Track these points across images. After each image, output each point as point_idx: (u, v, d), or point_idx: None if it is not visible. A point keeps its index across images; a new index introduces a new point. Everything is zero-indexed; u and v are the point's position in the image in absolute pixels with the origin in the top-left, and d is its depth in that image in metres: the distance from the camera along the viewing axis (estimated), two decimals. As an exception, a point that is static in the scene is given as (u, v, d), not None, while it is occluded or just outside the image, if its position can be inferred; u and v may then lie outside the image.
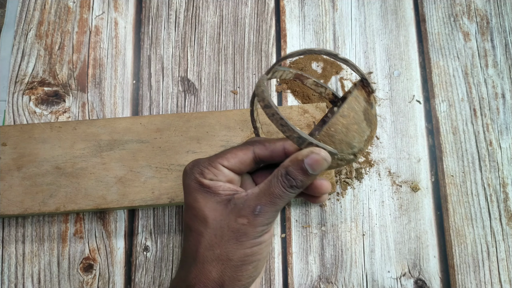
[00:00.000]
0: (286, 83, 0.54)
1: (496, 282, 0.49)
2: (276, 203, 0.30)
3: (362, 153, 0.33)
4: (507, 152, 0.53)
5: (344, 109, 0.31)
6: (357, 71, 0.33)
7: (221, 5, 0.57)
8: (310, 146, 0.30)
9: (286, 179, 0.30)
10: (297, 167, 0.30)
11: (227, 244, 0.30)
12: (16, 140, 0.48)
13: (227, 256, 0.30)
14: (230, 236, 0.30)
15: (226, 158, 0.32)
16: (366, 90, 0.33)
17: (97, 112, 0.53)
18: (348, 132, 0.31)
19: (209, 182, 0.31)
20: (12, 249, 0.49)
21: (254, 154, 0.32)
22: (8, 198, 0.46)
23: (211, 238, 0.31)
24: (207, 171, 0.32)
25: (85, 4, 0.56)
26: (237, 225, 0.30)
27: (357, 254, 0.49)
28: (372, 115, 0.33)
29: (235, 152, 0.32)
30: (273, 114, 0.31)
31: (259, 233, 0.30)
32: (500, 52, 0.56)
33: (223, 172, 0.32)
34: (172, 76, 0.55)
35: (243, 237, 0.30)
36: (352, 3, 0.58)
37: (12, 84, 0.53)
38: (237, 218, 0.30)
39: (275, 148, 0.32)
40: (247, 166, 0.32)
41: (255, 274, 0.31)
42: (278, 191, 0.30)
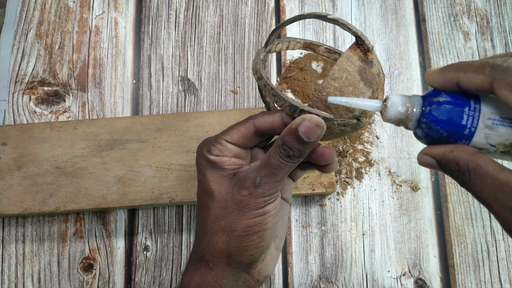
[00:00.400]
0: (286, 82, 0.54)
1: (496, 281, 0.49)
2: (275, 173, 0.31)
3: (366, 116, 0.31)
4: (507, 152, 0.53)
5: (334, 71, 0.30)
6: (349, 29, 0.31)
7: (221, 5, 0.57)
8: (303, 114, 0.30)
9: (283, 149, 0.30)
10: (292, 136, 0.30)
11: (231, 215, 0.31)
12: (16, 139, 0.48)
13: (231, 227, 0.31)
14: (234, 208, 0.31)
15: (229, 134, 0.33)
16: (361, 49, 0.31)
17: (97, 111, 0.53)
18: (342, 95, 0.30)
19: (215, 158, 0.32)
20: (12, 249, 0.49)
21: (255, 127, 0.32)
22: (8, 198, 0.46)
23: (217, 211, 0.32)
24: (213, 147, 0.33)
25: (85, 3, 0.56)
26: (239, 197, 0.31)
27: (357, 253, 0.49)
28: (371, 74, 0.31)
29: (237, 127, 0.33)
30: (264, 85, 0.32)
31: (261, 204, 0.31)
32: (500, 52, 0.56)
33: (228, 148, 0.33)
34: (172, 75, 0.55)
35: (245, 208, 0.31)
36: (352, 3, 0.58)
37: (12, 83, 0.53)
38: (240, 190, 0.31)
39: (274, 119, 0.32)
40: (250, 140, 0.33)
41: (262, 245, 0.32)
42: (276, 162, 0.30)
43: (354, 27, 0.31)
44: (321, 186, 0.48)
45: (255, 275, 0.33)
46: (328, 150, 0.32)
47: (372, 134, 0.53)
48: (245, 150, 0.34)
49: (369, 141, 0.53)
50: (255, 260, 0.32)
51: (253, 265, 0.33)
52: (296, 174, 0.36)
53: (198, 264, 0.33)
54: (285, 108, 0.31)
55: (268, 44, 0.36)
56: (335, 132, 0.32)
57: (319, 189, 0.48)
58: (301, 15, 0.32)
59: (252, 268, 0.33)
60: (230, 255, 0.32)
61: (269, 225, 0.32)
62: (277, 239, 0.35)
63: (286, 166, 0.31)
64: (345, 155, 0.52)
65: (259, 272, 0.33)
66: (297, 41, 0.38)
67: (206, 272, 0.32)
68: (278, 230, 0.35)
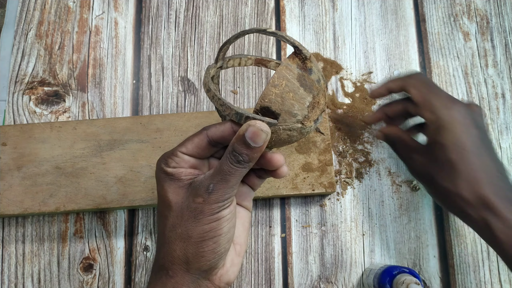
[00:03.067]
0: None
1: (496, 282, 0.49)
2: (227, 179, 0.32)
3: (310, 120, 0.33)
4: (507, 152, 0.53)
5: (274, 78, 0.32)
6: (287, 40, 0.33)
7: (221, 5, 0.57)
8: (248, 120, 0.31)
9: (233, 155, 0.31)
10: (241, 143, 0.31)
11: (187, 223, 0.32)
12: (16, 140, 0.48)
13: (187, 234, 0.32)
14: (189, 216, 0.32)
15: (185, 146, 0.34)
16: (299, 57, 0.33)
17: (97, 112, 0.53)
18: (283, 100, 0.32)
19: (171, 169, 0.33)
20: (12, 249, 0.49)
21: (208, 137, 0.34)
22: (8, 198, 0.46)
23: (174, 220, 0.33)
24: (170, 160, 0.34)
25: (85, 4, 0.56)
26: (194, 205, 0.32)
27: (357, 254, 0.49)
28: (311, 80, 0.33)
29: (191, 138, 0.34)
30: (213, 96, 0.33)
31: (215, 210, 0.32)
32: (500, 52, 0.56)
33: (184, 159, 0.34)
34: (172, 76, 0.55)
35: (200, 215, 0.32)
36: (352, 3, 0.58)
37: (12, 84, 0.53)
38: (194, 198, 0.32)
39: (225, 128, 0.33)
40: (205, 150, 0.34)
41: (219, 250, 0.33)
42: (227, 168, 0.31)
43: (292, 38, 0.33)
44: (321, 186, 0.48)
45: (216, 282, 0.34)
46: (276, 155, 0.33)
47: (372, 134, 0.53)
48: (201, 161, 0.35)
49: (369, 141, 0.53)
50: (213, 266, 0.33)
51: (212, 271, 0.33)
52: (254, 183, 0.37)
53: (159, 273, 0.34)
54: (232, 116, 0.32)
55: (218, 60, 0.38)
56: (282, 137, 0.33)
57: (319, 189, 0.48)
58: (245, 31, 0.34)
59: (211, 274, 0.33)
60: (188, 261, 0.32)
61: (224, 230, 0.32)
62: (237, 245, 0.36)
63: (237, 171, 0.32)
64: (345, 155, 0.52)
65: (219, 278, 0.34)
66: (248, 57, 0.40)
67: (166, 280, 0.33)
68: (239, 236, 0.36)
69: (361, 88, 0.54)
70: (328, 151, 0.49)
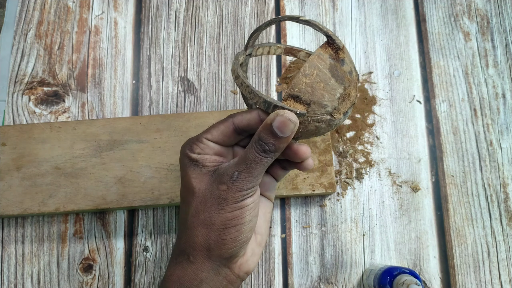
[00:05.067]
0: (286, 83, 0.54)
1: (497, 282, 0.49)
2: (252, 168, 0.31)
3: (339, 113, 0.32)
4: (508, 152, 0.53)
5: (305, 68, 0.31)
6: (320, 29, 0.33)
7: (221, 5, 0.57)
8: (276, 109, 0.31)
9: (259, 144, 0.31)
10: (267, 132, 0.31)
11: (210, 209, 0.32)
12: (15, 140, 0.48)
13: (210, 221, 0.32)
14: (213, 202, 0.32)
15: (210, 132, 0.34)
16: (332, 47, 0.32)
17: (97, 112, 0.53)
18: (314, 91, 0.31)
19: (196, 155, 0.33)
20: (12, 250, 0.49)
21: (234, 124, 0.33)
22: (7, 198, 0.46)
23: (197, 206, 0.33)
24: (195, 146, 0.34)
25: (85, 4, 0.56)
26: (218, 192, 0.32)
27: (357, 254, 0.49)
28: (343, 71, 0.32)
29: (217, 125, 0.34)
30: (241, 83, 0.33)
31: (239, 198, 0.32)
32: (501, 52, 0.56)
33: (209, 146, 0.34)
34: (172, 76, 0.54)
35: (223, 202, 0.32)
36: (352, 3, 0.57)
37: (12, 84, 0.53)
38: (219, 185, 0.32)
39: (251, 117, 0.33)
40: (230, 137, 0.34)
41: (241, 238, 0.33)
42: (253, 157, 0.31)
43: (325, 27, 0.33)
44: (321, 186, 0.48)
45: (235, 270, 0.34)
46: (303, 147, 0.33)
47: (372, 134, 0.53)
48: (226, 148, 0.35)
49: (369, 142, 0.53)
50: (234, 254, 0.33)
51: (232, 259, 0.33)
52: (277, 174, 0.37)
53: (179, 257, 0.34)
54: (260, 104, 0.32)
55: (248, 47, 0.37)
56: (310, 128, 0.32)
57: (319, 189, 0.48)
58: (276, 18, 0.34)
59: (232, 262, 0.34)
60: (210, 248, 0.32)
61: (247, 218, 0.33)
62: (258, 235, 0.36)
63: (262, 161, 0.31)
64: (345, 156, 0.52)
65: (239, 267, 0.34)
66: (278, 46, 0.39)
67: (186, 265, 0.33)
68: (260, 226, 0.36)
69: (361, 88, 0.54)
70: (328, 151, 0.49)
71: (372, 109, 0.54)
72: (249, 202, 0.32)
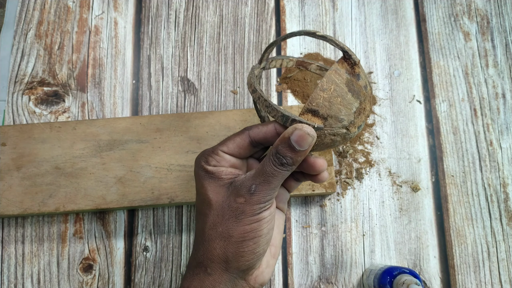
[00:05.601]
0: (286, 83, 0.54)
1: (497, 282, 0.49)
2: (269, 181, 0.32)
3: (355, 126, 0.33)
4: (508, 152, 0.53)
5: (323, 82, 0.32)
6: (336, 45, 0.33)
7: (221, 5, 0.57)
8: (294, 123, 0.32)
9: (277, 158, 0.31)
10: (285, 145, 0.31)
11: (228, 222, 0.32)
12: (15, 140, 0.48)
13: (228, 233, 0.32)
14: (230, 215, 0.32)
15: (226, 145, 0.34)
16: (348, 62, 0.33)
17: (97, 112, 0.53)
18: (331, 105, 0.32)
19: (212, 168, 0.34)
20: (12, 249, 0.49)
21: (250, 137, 0.34)
22: (7, 198, 0.46)
23: (214, 218, 0.33)
24: (211, 158, 0.34)
25: (85, 3, 0.56)
26: (236, 204, 0.32)
27: (357, 254, 0.49)
28: (358, 86, 0.33)
29: (233, 138, 0.34)
30: (258, 97, 0.33)
31: (256, 211, 0.32)
32: (501, 52, 0.56)
33: (225, 158, 0.34)
34: (172, 76, 0.54)
35: (241, 215, 0.32)
36: (352, 3, 0.57)
37: (12, 84, 0.53)
38: (236, 198, 0.32)
39: (268, 130, 0.33)
40: (246, 150, 0.34)
41: (258, 251, 0.33)
42: (270, 170, 0.31)
43: (341, 43, 0.33)
44: (321, 186, 0.48)
45: (251, 282, 0.34)
46: (319, 160, 0.34)
47: (372, 134, 0.53)
48: (241, 160, 0.35)
49: (369, 142, 0.53)
50: (251, 266, 0.33)
51: (249, 271, 0.34)
52: (290, 185, 0.37)
53: (196, 269, 0.34)
54: (277, 118, 0.32)
55: (262, 61, 0.38)
56: (326, 142, 0.33)
57: (319, 189, 0.48)
58: (293, 33, 0.35)
59: (248, 274, 0.34)
60: (228, 260, 0.33)
61: (265, 231, 0.33)
62: (273, 247, 0.36)
63: (280, 174, 0.32)
64: (345, 156, 0.52)
65: (255, 279, 0.34)
66: (290, 59, 0.40)
67: (204, 277, 0.33)
68: (274, 238, 0.36)
69: (361, 88, 0.54)
70: (328, 151, 0.49)
71: (372, 109, 0.54)
72: (266, 214, 0.33)
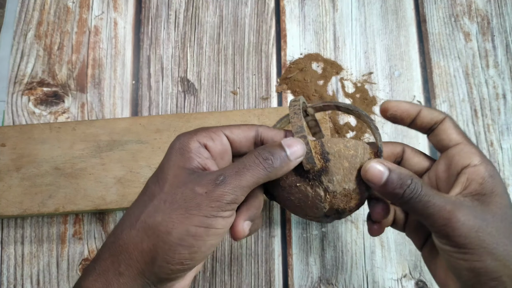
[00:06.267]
0: (286, 83, 0.54)
1: (497, 283, 0.49)
2: (243, 174, 0.27)
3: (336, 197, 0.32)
4: (508, 153, 0.53)
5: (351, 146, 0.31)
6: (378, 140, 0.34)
7: (221, 5, 0.57)
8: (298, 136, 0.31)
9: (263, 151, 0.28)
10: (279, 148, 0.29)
11: (173, 213, 0.26)
12: (15, 140, 0.48)
13: (167, 227, 0.26)
14: (180, 205, 0.26)
15: (229, 128, 0.31)
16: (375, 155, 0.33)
17: (96, 112, 0.53)
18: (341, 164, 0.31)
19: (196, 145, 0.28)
20: (11, 250, 0.48)
21: (258, 132, 0.31)
22: (7, 199, 0.46)
23: (159, 204, 0.27)
24: (204, 133, 0.29)
25: (85, 4, 0.56)
26: (192, 194, 0.26)
27: (357, 255, 0.49)
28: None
29: (239, 125, 0.31)
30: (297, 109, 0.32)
31: (214, 211, 0.26)
32: (501, 52, 0.56)
33: (222, 139, 0.30)
34: (171, 76, 0.54)
35: (193, 209, 0.26)
36: (352, 3, 0.57)
37: (11, 84, 0.53)
38: (196, 187, 0.26)
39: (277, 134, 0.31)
40: (247, 142, 0.31)
41: (188, 264, 0.27)
42: (249, 161, 0.27)
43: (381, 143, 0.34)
44: (321, 187, 0.48)
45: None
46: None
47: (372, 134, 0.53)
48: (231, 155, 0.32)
49: (370, 142, 0.53)
50: (171, 278, 0.27)
51: (167, 282, 0.28)
52: None
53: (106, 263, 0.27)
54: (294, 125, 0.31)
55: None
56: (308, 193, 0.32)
57: (319, 190, 0.48)
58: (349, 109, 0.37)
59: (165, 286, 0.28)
60: (153, 261, 0.26)
61: (207, 245, 0.27)
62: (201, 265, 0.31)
63: (257, 169, 0.27)
64: (346, 156, 0.52)
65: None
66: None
67: (112, 278, 0.26)
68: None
69: (361, 88, 0.54)
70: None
71: (372, 110, 0.54)
72: (219, 225, 0.27)
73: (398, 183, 0.28)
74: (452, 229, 0.27)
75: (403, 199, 0.28)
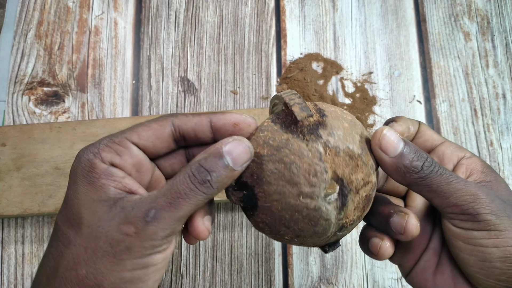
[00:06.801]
0: (286, 83, 0.54)
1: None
2: (178, 204, 0.21)
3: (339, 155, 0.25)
4: (508, 153, 0.53)
5: None
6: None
7: (221, 5, 0.57)
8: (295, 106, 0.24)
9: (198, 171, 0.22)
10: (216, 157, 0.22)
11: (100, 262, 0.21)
12: (15, 140, 0.48)
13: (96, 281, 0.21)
14: (106, 251, 0.21)
15: (137, 132, 0.24)
16: None
17: (97, 112, 0.53)
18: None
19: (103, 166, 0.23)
20: (12, 250, 0.48)
21: (173, 126, 0.25)
22: (7, 199, 0.46)
23: (79, 252, 0.22)
24: (107, 149, 0.23)
25: (85, 4, 0.56)
26: (118, 235, 0.21)
27: (357, 254, 0.49)
28: None
29: (148, 124, 0.24)
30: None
31: (148, 250, 0.22)
32: (501, 52, 0.56)
33: (131, 151, 0.24)
34: (172, 76, 0.54)
35: (123, 254, 0.21)
36: (352, 3, 0.57)
37: (12, 84, 0.53)
38: (122, 226, 0.21)
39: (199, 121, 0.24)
40: (163, 143, 0.25)
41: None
42: (184, 187, 0.22)
43: None
44: (321, 187, 0.48)
45: None
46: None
47: (372, 134, 0.53)
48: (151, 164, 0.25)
49: (370, 142, 0.53)
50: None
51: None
52: None
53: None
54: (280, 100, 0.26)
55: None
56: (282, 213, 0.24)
57: (319, 190, 0.48)
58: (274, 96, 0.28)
59: None
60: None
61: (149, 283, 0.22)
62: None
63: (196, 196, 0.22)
64: (346, 156, 0.52)
65: None
66: None
67: None
68: None
69: (361, 88, 0.54)
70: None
71: (373, 109, 0.54)
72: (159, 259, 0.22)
73: (416, 154, 0.24)
74: (483, 205, 0.23)
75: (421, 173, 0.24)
